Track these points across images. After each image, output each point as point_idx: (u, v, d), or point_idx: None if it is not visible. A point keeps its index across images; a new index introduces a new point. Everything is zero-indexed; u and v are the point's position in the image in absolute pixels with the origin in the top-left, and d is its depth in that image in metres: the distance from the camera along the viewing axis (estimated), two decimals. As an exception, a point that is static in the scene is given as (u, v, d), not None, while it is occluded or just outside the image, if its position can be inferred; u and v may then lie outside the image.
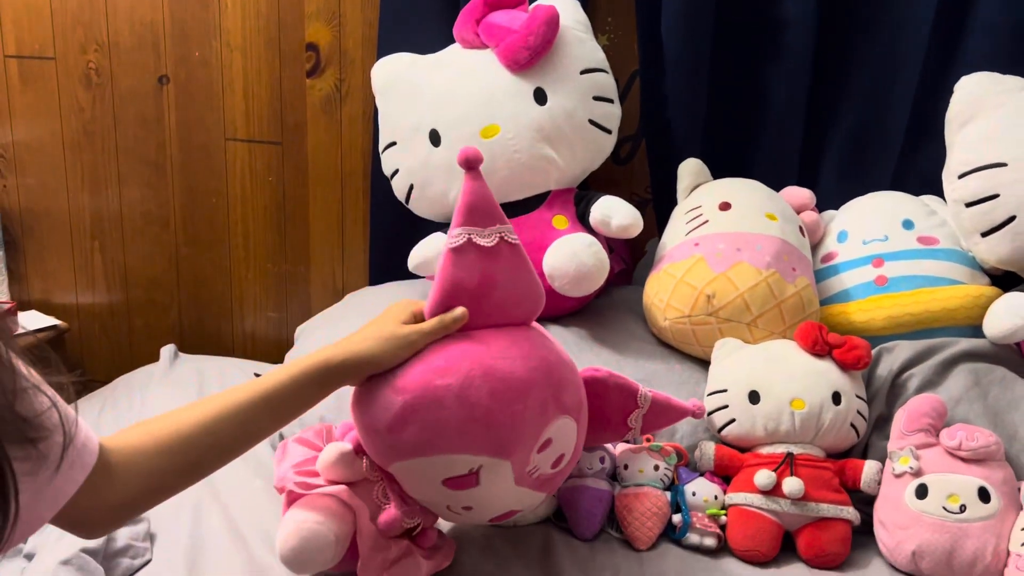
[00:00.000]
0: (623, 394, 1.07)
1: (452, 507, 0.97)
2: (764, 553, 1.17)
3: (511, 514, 1.01)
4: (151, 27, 1.76)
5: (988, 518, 1.11)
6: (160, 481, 0.76)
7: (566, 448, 0.96)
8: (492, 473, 0.91)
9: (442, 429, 0.88)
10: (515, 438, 0.90)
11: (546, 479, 0.96)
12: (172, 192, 1.84)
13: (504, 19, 1.44)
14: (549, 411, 0.92)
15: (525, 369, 0.91)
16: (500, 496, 0.95)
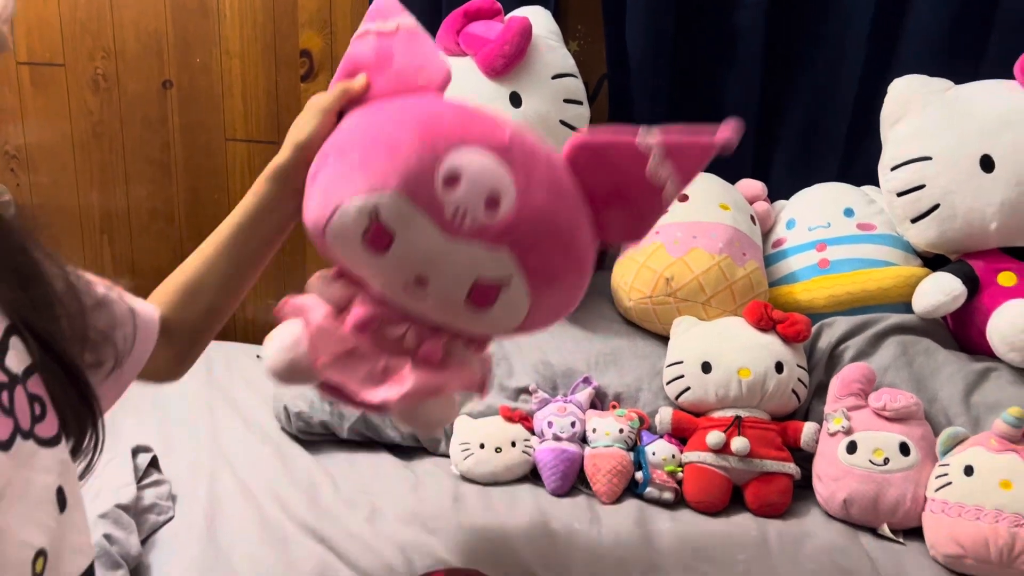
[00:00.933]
0: (620, 151, 0.83)
1: (410, 288, 0.82)
2: (715, 504, 1.33)
3: (488, 291, 0.80)
4: (155, 36, 1.89)
5: (908, 469, 1.27)
6: (205, 320, 0.88)
7: (494, 186, 0.77)
8: (401, 222, 0.77)
9: (329, 183, 0.81)
10: (388, 167, 0.77)
11: (491, 229, 0.77)
12: (176, 189, 1.97)
13: (481, 29, 1.58)
14: (433, 139, 0.78)
15: (398, 112, 0.82)
16: (437, 253, 0.79)
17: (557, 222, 0.81)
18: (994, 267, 1.45)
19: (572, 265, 0.84)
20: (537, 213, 0.79)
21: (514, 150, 0.80)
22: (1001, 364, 1.40)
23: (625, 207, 0.86)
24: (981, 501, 1.18)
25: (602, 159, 0.84)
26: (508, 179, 0.78)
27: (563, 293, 0.85)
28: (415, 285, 0.81)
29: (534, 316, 0.84)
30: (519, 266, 0.79)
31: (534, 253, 0.80)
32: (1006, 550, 1.15)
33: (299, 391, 1.46)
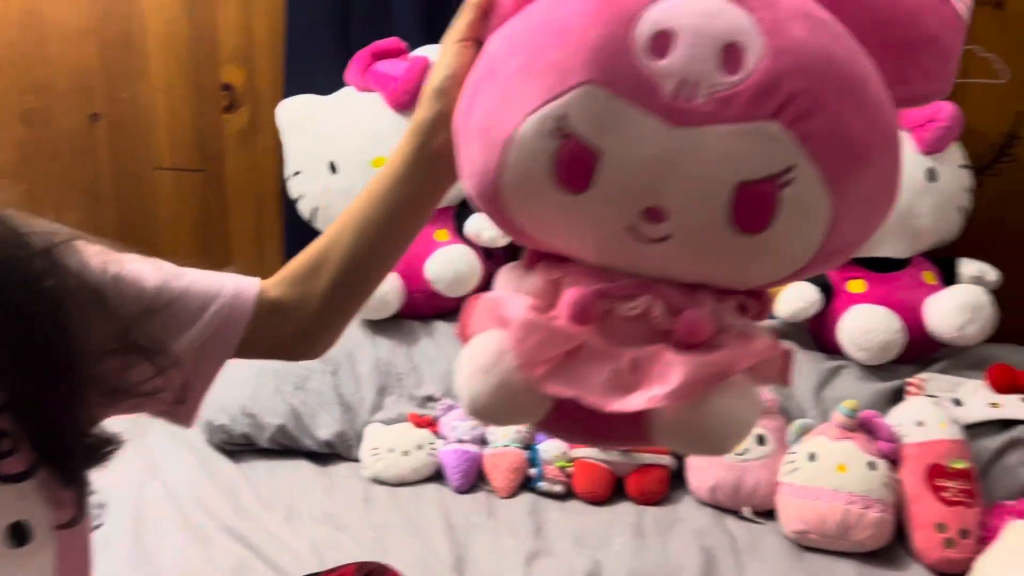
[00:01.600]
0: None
1: (641, 230, 0.55)
2: (601, 495, 1.49)
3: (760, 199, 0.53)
4: (83, 72, 1.99)
5: (764, 457, 1.44)
6: (330, 298, 0.74)
7: (732, 35, 0.52)
8: (604, 126, 0.53)
9: (488, 116, 0.57)
10: (566, 57, 0.53)
11: (743, 95, 0.51)
12: (107, 217, 2.07)
13: (387, 67, 1.72)
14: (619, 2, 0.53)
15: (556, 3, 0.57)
16: (670, 158, 0.53)
17: (837, 63, 0.53)
18: (846, 275, 1.63)
19: (882, 129, 0.55)
20: (804, 56, 0.52)
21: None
22: (851, 362, 1.58)
23: (922, 35, 0.57)
24: (821, 483, 1.35)
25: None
26: (743, 16, 0.52)
27: (880, 179, 0.56)
28: (647, 222, 0.55)
29: (843, 226, 0.55)
30: (799, 143, 0.52)
31: (819, 117, 0.52)
32: (841, 524, 1.32)
33: (221, 406, 1.58)
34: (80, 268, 0.66)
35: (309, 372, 1.61)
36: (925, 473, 1.35)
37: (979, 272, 1.63)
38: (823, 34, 0.53)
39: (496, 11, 0.63)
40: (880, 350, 1.52)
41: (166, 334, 0.69)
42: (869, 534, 1.32)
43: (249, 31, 1.94)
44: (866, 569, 1.32)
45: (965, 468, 1.36)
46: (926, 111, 1.60)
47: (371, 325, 1.70)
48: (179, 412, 0.73)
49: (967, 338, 1.53)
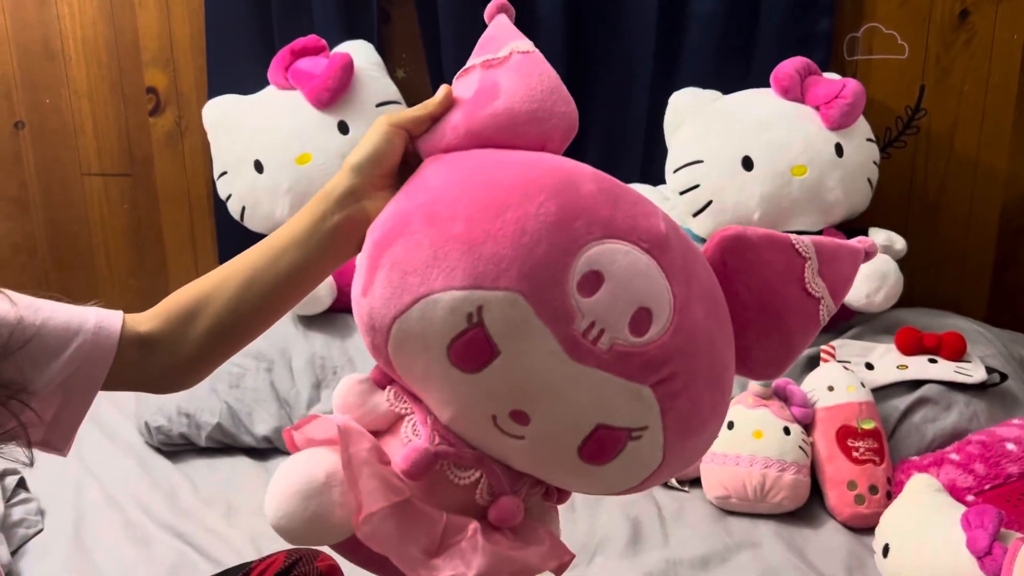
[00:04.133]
0: (776, 250, 0.66)
1: (501, 423, 0.60)
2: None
3: (611, 442, 0.59)
4: (3, 80, 1.98)
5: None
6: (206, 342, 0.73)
7: (649, 300, 0.57)
8: (512, 333, 0.56)
9: (409, 260, 0.59)
10: (507, 256, 0.56)
11: (636, 357, 0.57)
12: (36, 224, 2.07)
13: (308, 65, 1.74)
14: (572, 229, 0.57)
15: (520, 174, 0.60)
16: (553, 383, 0.57)
17: (716, 353, 0.60)
18: (761, 250, 1.69)
19: (721, 407, 0.63)
20: (694, 340, 0.58)
21: (671, 248, 0.60)
22: (769, 333, 1.65)
23: (778, 330, 0.65)
24: (739, 450, 1.42)
25: (755, 260, 0.64)
26: (664, 287, 0.58)
27: (702, 445, 0.64)
28: (511, 420, 0.59)
29: (662, 472, 0.63)
30: (660, 412, 0.58)
31: (684, 397, 0.59)
32: (759, 488, 1.39)
33: (157, 407, 1.60)
34: None
35: (243, 370, 1.63)
36: (836, 435, 1.43)
37: (887, 240, 1.71)
38: (714, 320, 0.61)
39: (443, 127, 0.66)
40: (793, 320, 1.58)
41: (25, 372, 0.68)
42: (786, 495, 1.39)
43: (170, 34, 1.94)
44: (784, 529, 1.39)
45: (873, 428, 1.43)
46: (832, 88, 1.66)
47: (304, 320, 1.73)
48: (52, 442, 0.74)
49: (875, 305, 1.60)
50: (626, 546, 1.33)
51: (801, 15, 1.79)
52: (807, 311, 0.65)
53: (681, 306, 0.58)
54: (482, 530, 0.62)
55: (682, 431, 0.60)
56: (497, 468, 0.62)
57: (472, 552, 0.60)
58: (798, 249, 0.65)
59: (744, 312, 0.65)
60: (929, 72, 1.82)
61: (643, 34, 1.83)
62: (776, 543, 1.34)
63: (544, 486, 0.67)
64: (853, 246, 0.69)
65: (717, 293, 0.63)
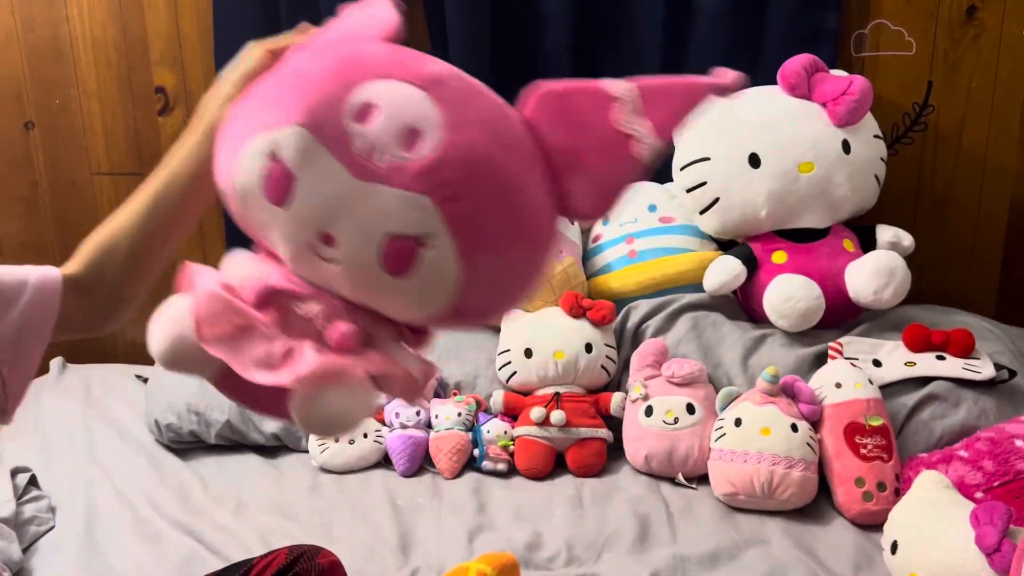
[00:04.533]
0: (584, 96, 0.71)
1: (317, 249, 0.68)
2: (542, 470, 1.54)
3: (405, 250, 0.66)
4: (13, 80, 1.99)
5: (694, 425, 1.51)
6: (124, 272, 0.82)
7: (418, 123, 0.65)
8: (303, 160, 0.66)
9: (233, 131, 0.71)
10: (292, 100, 0.67)
11: (409, 169, 0.65)
12: (46, 223, 2.08)
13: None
14: (347, 73, 0.68)
15: (319, 51, 0.73)
16: (344, 199, 0.66)
17: (496, 169, 0.67)
18: (769, 247, 1.69)
19: (517, 229, 0.69)
20: (469, 155, 0.65)
21: (447, 85, 0.68)
22: (776, 330, 1.65)
23: (591, 170, 0.71)
24: (747, 447, 1.42)
25: (565, 109, 0.71)
26: (433, 112, 0.65)
27: (507, 266, 0.70)
28: (322, 244, 0.68)
29: (471, 293, 0.68)
30: (443, 218, 0.65)
31: (463, 203, 0.65)
32: (767, 485, 1.39)
33: (168, 405, 1.61)
34: None
35: (253, 368, 1.64)
36: (844, 431, 1.43)
37: (895, 237, 1.70)
38: (495, 144, 0.67)
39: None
40: (800, 317, 1.58)
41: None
42: (793, 492, 1.39)
43: (178, 33, 1.95)
44: (792, 526, 1.39)
45: (881, 425, 1.43)
46: (839, 85, 1.66)
47: (313, 318, 1.73)
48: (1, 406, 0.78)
49: (884, 301, 1.60)
50: (634, 543, 1.34)
51: (808, 12, 1.78)
52: (619, 150, 0.69)
53: (453, 128, 0.65)
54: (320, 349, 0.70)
55: (471, 241, 0.66)
56: (334, 301, 0.71)
57: (302, 361, 0.68)
58: (608, 91, 0.70)
59: (559, 157, 0.71)
60: (937, 68, 1.81)
61: (650, 31, 1.83)
62: (784, 540, 1.34)
63: (395, 327, 0.73)
64: (693, 81, 0.73)
65: (508, 128, 0.69)
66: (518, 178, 0.68)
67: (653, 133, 0.70)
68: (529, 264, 0.71)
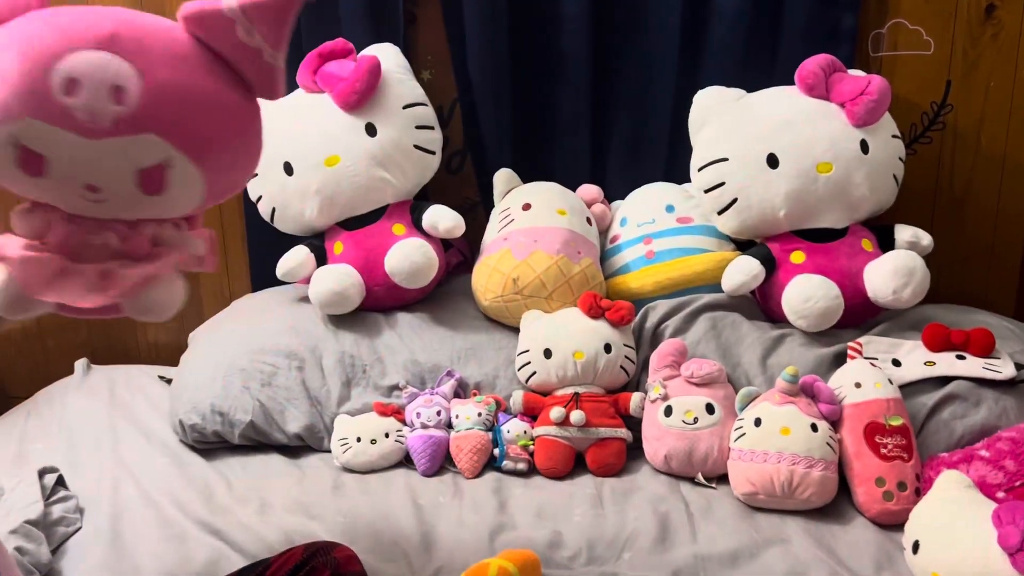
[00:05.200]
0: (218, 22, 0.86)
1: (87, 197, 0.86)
2: (561, 470, 1.55)
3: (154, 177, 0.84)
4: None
5: (713, 425, 1.51)
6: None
7: (114, 77, 0.80)
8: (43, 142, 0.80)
9: None
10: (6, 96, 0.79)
11: (127, 118, 0.80)
12: (70, 227, 2.10)
13: (335, 68, 1.76)
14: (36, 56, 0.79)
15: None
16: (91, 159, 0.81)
17: (191, 90, 0.83)
18: (787, 248, 1.70)
19: (226, 126, 0.87)
20: (168, 88, 0.81)
21: (123, 39, 0.81)
22: (795, 330, 1.65)
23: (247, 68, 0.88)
24: (767, 446, 1.42)
25: (209, 27, 0.85)
26: (125, 67, 0.79)
27: (232, 152, 0.89)
28: (89, 192, 0.83)
29: (215, 181, 0.88)
30: (171, 143, 0.82)
31: (180, 126, 0.82)
32: (787, 484, 1.40)
33: (192, 406, 1.63)
34: None
35: (275, 369, 1.66)
36: (864, 431, 1.43)
37: (913, 237, 1.70)
38: (182, 71, 0.83)
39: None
40: (819, 317, 1.59)
41: None
42: (813, 492, 1.40)
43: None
44: (812, 525, 1.39)
45: (901, 424, 1.43)
46: (857, 85, 1.66)
47: (334, 320, 1.75)
48: None
49: (903, 301, 1.60)
50: (654, 542, 1.34)
51: (825, 12, 1.79)
52: (256, 61, 0.87)
53: (145, 73, 0.80)
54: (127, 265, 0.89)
55: (199, 151, 0.84)
56: (118, 224, 0.88)
57: (120, 280, 0.88)
58: (227, 14, 0.85)
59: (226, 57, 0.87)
60: (956, 67, 1.81)
61: (667, 32, 1.84)
62: (804, 539, 1.35)
63: (169, 222, 0.92)
64: None
65: (184, 54, 0.84)
66: (208, 86, 0.84)
67: (268, 43, 0.87)
68: (247, 144, 0.91)
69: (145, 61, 0.80)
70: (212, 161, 0.86)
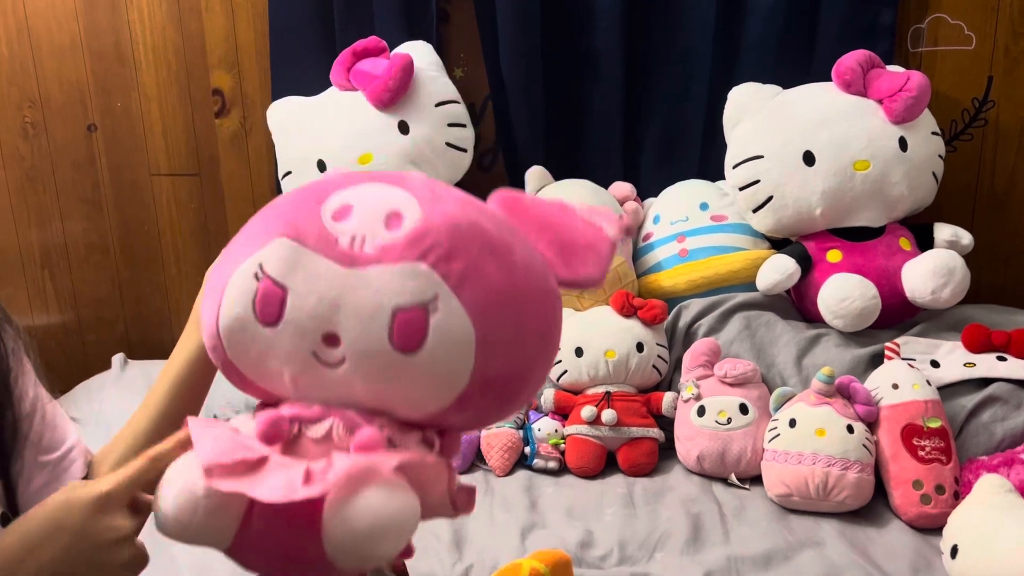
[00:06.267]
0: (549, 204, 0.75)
1: (321, 355, 0.65)
2: (592, 469, 1.55)
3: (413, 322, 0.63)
4: (77, 85, 2.05)
5: (747, 426, 1.50)
6: None
7: (396, 206, 0.66)
8: (291, 267, 0.65)
9: (214, 280, 0.69)
10: (269, 225, 0.67)
11: (398, 244, 0.65)
12: (109, 224, 2.14)
13: (369, 66, 1.77)
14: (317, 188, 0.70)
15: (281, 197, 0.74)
16: (341, 291, 0.65)
17: (479, 227, 0.67)
18: (823, 246, 1.68)
19: (518, 280, 0.67)
20: (450, 219, 0.66)
21: (412, 180, 0.70)
22: (831, 330, 1.63)
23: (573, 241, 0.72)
24: (802, 448, 1.41)
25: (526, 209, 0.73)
26: (408, 196, 0.67)
27: (519, 319, 0.66)
28: (326, 346, 0.64)
29: (489, 352, 0.64)
30: (443, 278, 0.63)
31: (457, 259, 0.64)
32: (821, 486, 1.38)
33: (226, 400, 1.65)
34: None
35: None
36: (901, 433, 1.41)
37: (953, 236, 1.67)
38: (470, 210, 0.68)
39: None
40: (856, 317, 1.56)
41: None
42: (849, 494, 1.38)
43: (235, 37, 1.99)
44: (848, 527, 1.38)
45: (939, 427, 1.41)
46: (895, 81, 1.63)
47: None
48: None
49: (942, 301, 1.57)
50: (687, 543, 1.34)
51: (864, 7, 1.76)
52: (593, 231, 0.71)
53: (428, 203, 0.66)
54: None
55: (474, 294, 0.64)
56: (349, 413, 0.66)
57: (327, 471, 0.62)
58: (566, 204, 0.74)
59: (544, 234, 0.71)
60: (998, 63, 1.78)
61: (702, 29, 1.82)
62: (839, 542, 1.33)
63: (417, 432, 0.68)
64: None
65: (475, 201, 0.70)
66: (505, 238, 0.68)
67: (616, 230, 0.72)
68: (541, 318, 0.68)
69: (431, 195, 0.68)
70: (490, 315, 0.65)
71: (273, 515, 0.62)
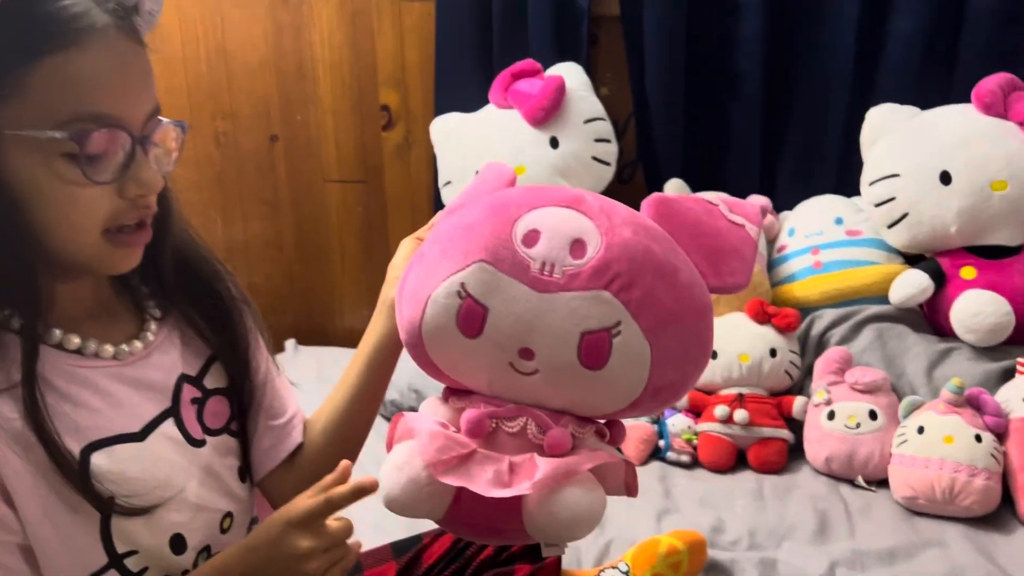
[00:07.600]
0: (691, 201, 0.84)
1: (517, 365, 0.77)
2: (723, 464, 1.66)
3: (599, 343, 0.74)
4: (263, 99, 2.31)
5: (875, 431, 1.58)
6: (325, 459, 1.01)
7: (579, 233, 0.76)
8: (490, 290, 0.75)
9: (415, 284, 0.80)
10: (468, 245, 0.77)
11: (584, 273, 0.74)
12: (285, 223, 2.40)
13: (525, 86, 1.94)
14: (504, 210, 0.78)
15: (470, 206, 0.82)
16: (535, 314, 0.74)
17: (653, 255, 0.76)
18: (958, 263, 1.73)
19: (684, 301, 0.76)
20: (628, 247, 0.75)
21: (587, 201, 0.79)
22: (963, 344, 1.68)
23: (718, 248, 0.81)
24: (929, 453, 1.48)
25: (679, 209, 0.82)
26: (588, 223, 0.76)
27: (685, 335, 0.77)
28: (521, 359, 0.76)
29: (662, 366, 0.76)
30: (624, 305, 0.74)
31: (636, 288, 0.74)
32: (948, 491, 1.44)
33: (391, 381, 1.84)
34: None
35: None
36: (1031, 445, 1.46)
37: (1093, 255, 1.69)
38: (644, 236, 0.77)
39: None
40: (988, 332, 1.62)
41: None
42: (975, 500, 1.44)
43: (403, 58, 2.20)
44: (973, 532, 1.43)
45: (1070, 441, 1.45)
46: (1036, 103, 1.67)
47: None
48: None
49: (1078, 319, 1.60)
50: (814, 535, 1.43)
51: (1009, 29, 1.80)
52: (737, 233, 0.81)
53: (607, 231, 0.75)
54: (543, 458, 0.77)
55: (652, 319, 0.74)
56: (539, 413, 0.77)
57: (532, 469, 0.74)
58: (709, 199, 0.83)
59: (694, 241, 0.80)
60: None
61: (843, 52, 1.89)
62: (964, 544, 1.39)
63: (592, 425, 0.80)
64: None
65: (644, 222, 0.79)
66: (669, 256, 0.77)
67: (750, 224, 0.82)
68: (702, 332, 0.78)
69: (607, 221, 0.76)
70: (664, 336, 0.75)
71: (481, 498, 0.74)
